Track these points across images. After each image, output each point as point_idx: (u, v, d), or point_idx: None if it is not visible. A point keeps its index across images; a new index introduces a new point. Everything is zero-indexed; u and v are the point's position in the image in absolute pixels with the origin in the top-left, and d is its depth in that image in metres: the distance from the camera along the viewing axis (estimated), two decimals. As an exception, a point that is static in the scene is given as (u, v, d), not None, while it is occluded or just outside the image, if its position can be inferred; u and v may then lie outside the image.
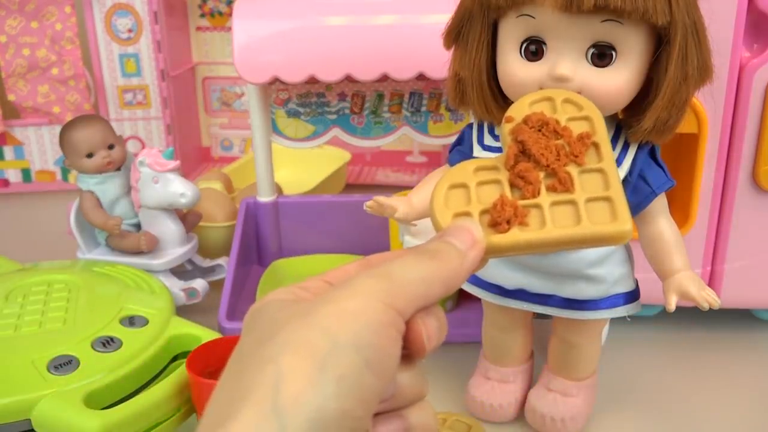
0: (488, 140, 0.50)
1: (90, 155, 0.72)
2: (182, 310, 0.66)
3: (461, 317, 0.72)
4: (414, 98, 0.76)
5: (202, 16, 1.15)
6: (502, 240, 0.30)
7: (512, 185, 0.32)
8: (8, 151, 1.08)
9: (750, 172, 0.61)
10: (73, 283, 0.62)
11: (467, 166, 0.33)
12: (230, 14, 1.13)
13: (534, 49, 0.44)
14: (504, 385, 0.58)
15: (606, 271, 0.49)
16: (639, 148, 0.47)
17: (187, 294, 0.72)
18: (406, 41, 0.69)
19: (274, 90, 0.76)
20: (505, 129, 0.35)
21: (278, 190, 0.86)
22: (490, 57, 0.47)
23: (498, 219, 0.30)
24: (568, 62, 0.43)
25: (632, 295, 0.52)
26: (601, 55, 0.43)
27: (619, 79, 0.43)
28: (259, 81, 0.71)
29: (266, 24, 0.71)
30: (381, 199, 0.56)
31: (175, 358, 0.57)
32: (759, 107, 0.59)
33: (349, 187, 1.09)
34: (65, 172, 1.10)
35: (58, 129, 0.84)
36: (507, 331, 0.57)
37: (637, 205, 0.47)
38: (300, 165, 1.07)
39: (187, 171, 1.12)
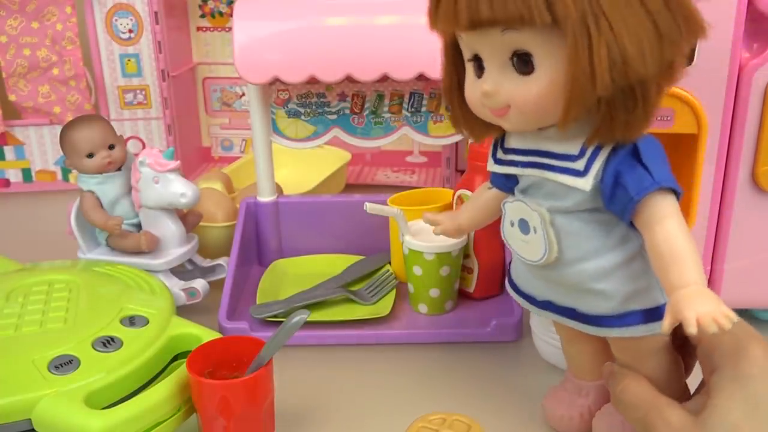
0: (500, 154, 0.50)
1: (90, 155, 0.72)
2: (182, 310, 0.66)
3: (461, 317, 0.72)
4: (414, 98, 0.77)
5: (203, 16, 1.15)
6: None
7: None
8: (9, 151, 1.08)
9: (750, 172, 0.62)
10: (74, 283, 0.62)
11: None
12: (230, 14, 1.14)
13: (479, 66, 0.44)
14: (576, 397, 0.55)
15: (611, 287, 0.45)
16: (614, 150, 0.42)
17: (188, 294, 0.72)
18: (406, 41, 0.69)
19: (274, 90, 0.76)
20: None
21: (278, 190, 0.86)
22: (458, 77, 0.47)
23: None
24: (491, 77, 0.43)
25: (654, 313, 0.46)
26: (523, 63, 0.41)
27: (542, 85, 0.41)
28: (259, 81, 0.71)
29: (266, 24, 0.71)
30: (428, 215, 0.60)
31: (175, 358, 0.57)
32: (759, 107, 0.59)
33: (349, 187, 1.09)
34: (66, 172, 1.10)
35: (58, 129, 0.84)
36: (571, 343, 0.54)
37: (621, 213, 0.43)
38: (300, 165, 1.08)
39: (187, 171, 1.12)
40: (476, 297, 0.74)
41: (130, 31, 1.04)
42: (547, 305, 0.50)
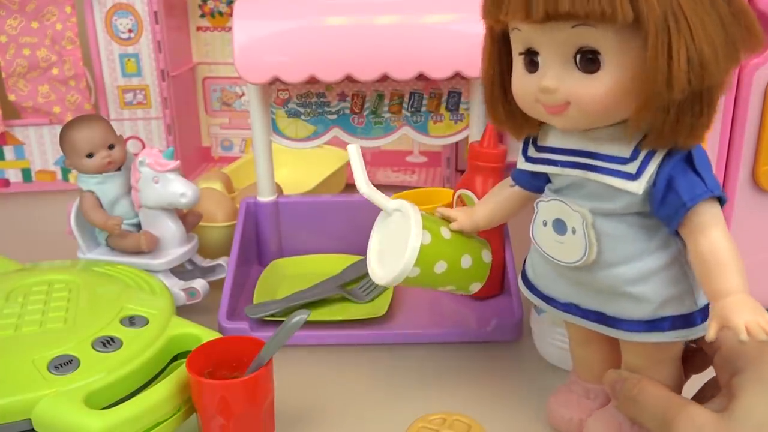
0: (531, 152, 0.49)
1: (90, 155, 0.72)
2: (182, 310, 0.66)
3: (461, 317, 0.72)
4: (414, 98, 0.77)
5: (203, 16, 1.15)
6: None
7: None
8: (8, 151, 1.08)
9: (750, 172, 0.62)
10: (74, 283, 0.62)
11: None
12: (230, 14, 1.14)
13: (531, 61, 0.43)
14: (585, 400, 0.54)
15: (649, 290, 0.45)
16: (668, 155, 0.42)
17: (187, 294, 0.72)
18: (406, 41, 0.69)
19: (274, 90, 0.76)
20: None
21: (278, 190, 0.86)
22: (499, 71, 0.47)
23: None
24: (552, 73, 0.42)
25: (686, 320, 0.46)
26: (588, 61, 0.40)
27: (608, 84, 0.40)
28: (259, 81, 0.71)
29: (266, 24, 0.71)
30: (442, 209, 0.58)
31: (175, 358, 0.57)
32: (759, 107, 0.59)
33: (349, 187, 1.09)
34: (65, 172, 1.10)
35: (58, 129, 0.84)
36: (582, 345, 0.54)
37: (670, 219, 0.43)
38: (300, 165, 1.07)
39: (187, 171, 1.12)
40: (476, 297, 0.74)
41: (130, 31, 1.04)
42: (570, 307, 0.49)
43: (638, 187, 0.43)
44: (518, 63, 0.44)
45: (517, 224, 0.62)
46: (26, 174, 1.09)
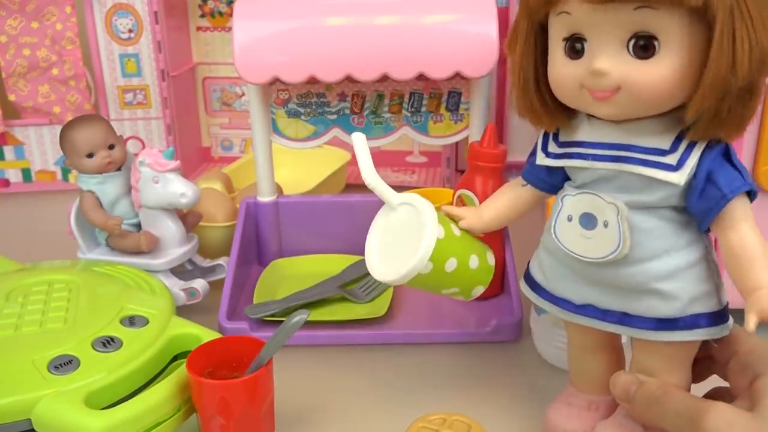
0: (552, 147, 0.49)
1: (90, 155, 0.72)
2: (182, 310, 0.66)
3: (461, 317, 0.72)
4: (414, 98, 0.76)
5: (203, 16, 1.15)
6: None
7: None
8: (8, 151, 1.08)
9: (750, 172, 0.61)
10: (74, 283, 0.62)
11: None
12: (230, 14, 1.14)
13: (575, 47, 0.43)
14: (587, 412, 0.53)
15: (679, 287, 0.44)
16: (707, 147, 0.43)
17: (187, 294, 0.72)
18: (406, 41, 0.69)
19: (274, 90, 0.76)
20: None
21: (278, 190, 0.86)
22: (537, 61, 0.46)
23: None
24: (605, 56, 0.41)
25: (717, 317, 0.45)
26: (644, 46, 0.40)
27: (663, 70, 0.40)
28: (259, 81, 0.71)
29: (266, 24, 0.71)
30: (448, 209, 0.56)
31: (175, 358, 0.57)
32: (759, 107, 0.59)
33: (349, 187, 1.09)
34: (65, 172, 1.10)
35: (58, 129, 0.84)
36: (589, 352, 0.52)
37: (707, 212, 0.43)
38: (300, 165, 1.07)
39: (187, 171, 1.12)
40: (477, 297, 0.74)
41: (130, 31, 1.04)
42: (587, 309, 0.48)
43: (680, 177, 0.42)
44: (557, 50, 0.44)
45: (517, 224, 0.62)
46: (26, 174, 1.09)
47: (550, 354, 0.63)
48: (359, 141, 0.54)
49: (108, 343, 0.54)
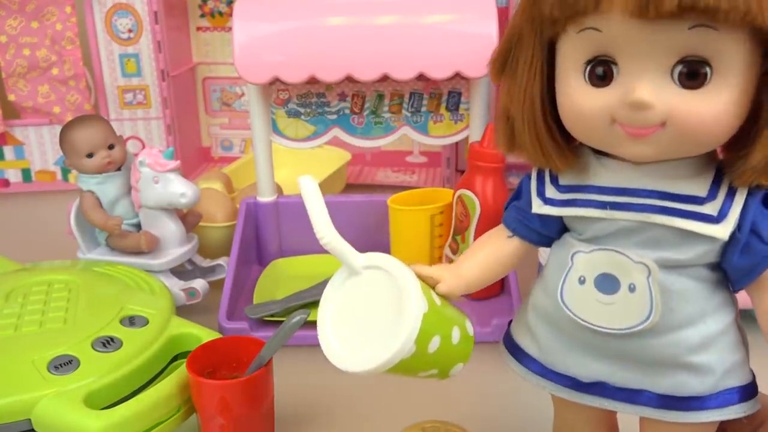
0: (551, 192, 0.40)
1: (90, 155, 0.72)
2: (182, 310, 0.66)
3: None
4: (414, 98, 0.76)
5: (202, 16, 1.15)
6: None
7: None
8: (8, 151, 1.08)
9: None
10: (74, 283, 0.62)
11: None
12: (230, 14, 1.14)
13: (601, 72, 0.35)
14: None
15: (715, 359, 0.38)
16: (749, 194, 0.36)
17: (187, 294, 0.72)
18: (406, 41, 0.69)
19: (274, 90, 0.76)
20: None
21: (278, 190, 0.86)
22: (544, 86, 0.38)
23: None
24: (647, 84, 0.33)
25: (749, 391, 0.39)
26: (692, 74, 0.33)
27: (718, 104, 0.33)
28: (259, 81, 0.71)
29: (266, 24, 0.70)
30: (420, 268, 0.42)
31: (175, 358, 0.57)
32: (759, 107, 0.59)
33: (349, 187, 1.09)
34: (65, 172, 1.10)
35: (58, 129, 0.84)
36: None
37: (751, 270, 0.37)
38: (300, 165, 1.07)
39: (187, 171, 1.12)
40: (476, 298, 0.74)
41: (130, 31, 1.04)
42: (596, 387, 0.41)
43: (724, 231, 0.36)
44: (574, 75, 0.36)
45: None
46: (26, 174, 1.09)
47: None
48: (309, 187, 0.41)
49: (108, 343, 0.54)
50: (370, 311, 0.40)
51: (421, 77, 0.70)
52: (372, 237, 0.80)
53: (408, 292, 0.38)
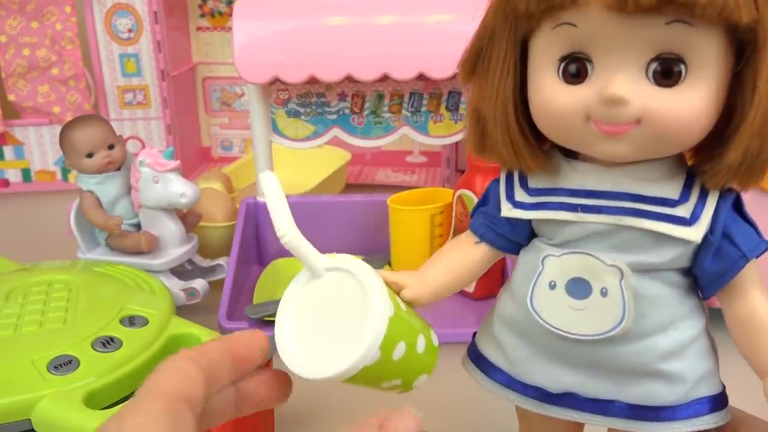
0: (520, 196, 0.39)
1: (90, 155, 0.72)
2: (182, 310, 0.66)
3: (461, 317, 0.72)
4: (414, 98, 0.76)
5: (202, 16, 1.15)
6: None
7: None
8: (8, 151, 1.08)
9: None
10: (73, 283, 0.62)
11: None
12: (230, 14, 1.13)
13: (575, 70, 0.34)
14: None
15: (686, 366, 0.37)
16: (720, 197, 0.36)
17: (187, 294, 0.72)
18: (406, 41, 0.69)
19: (274, 90, 0.76)
20: None
21: (278, 190, 0.85)
22: (517, 85, 0.37)
23: None
24: (622, 79, 0.33)
25: (719, 400, 0.39)
26: (667, 72, 0.33)
27: (693, 101, 0.33)
28: (259, 81, 0.71)
29: (266, 24, 0.71)
30: (385, 274, 0.40)
31: (175, 358, 0.57)
32: None
33: (349, 187, 1.09)
34: (65, 172, 1.10)
35: (58, 129, 0.84)
36: None
37: (722, 275, 0.36)
38: (300, 165, 1.08)
39: (187, 171, 1.12)
40: (476, 297, 0.74)
41: (130, 30, 1.04)
42: (566, 399, 0.40)
43: (697, 234, 0.35)
44: (548, 72, 0.35)
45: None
46: (26, 174, 1.09)
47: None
48: (270, 183, 0.40)
49: (108, 343, 0.54)
50: (332, 315, 0.39)
51: (421, 77, 0.70)
52: (372, 237, 0.80)
53: (374, 294, 0.36)
